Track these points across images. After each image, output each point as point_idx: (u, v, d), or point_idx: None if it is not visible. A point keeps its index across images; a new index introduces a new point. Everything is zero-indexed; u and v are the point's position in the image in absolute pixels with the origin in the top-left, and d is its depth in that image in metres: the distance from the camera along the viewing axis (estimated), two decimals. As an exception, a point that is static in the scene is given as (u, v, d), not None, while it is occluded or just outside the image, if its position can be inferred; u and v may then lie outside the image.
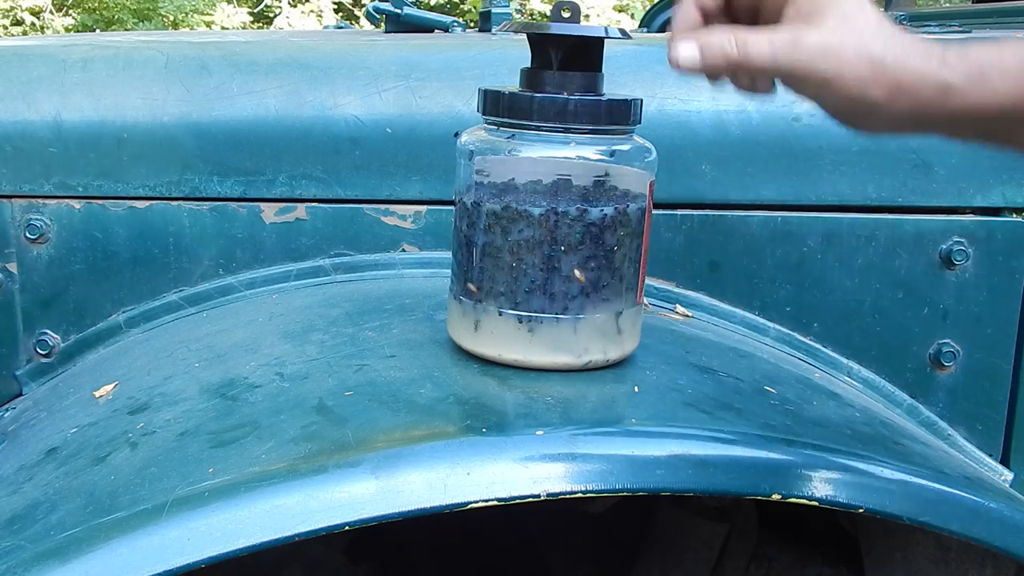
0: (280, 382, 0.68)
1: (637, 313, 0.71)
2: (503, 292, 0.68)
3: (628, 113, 0.68)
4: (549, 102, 0.66)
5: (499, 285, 0.68)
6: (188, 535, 0.51)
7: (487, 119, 0.69)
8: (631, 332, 0.70)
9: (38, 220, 0.92)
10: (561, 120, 0.66)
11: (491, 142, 0.68)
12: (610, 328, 0.68)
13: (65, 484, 0.62)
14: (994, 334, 0.95)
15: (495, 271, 0.68)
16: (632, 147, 0.69)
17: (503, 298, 0.68)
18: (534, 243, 0.66)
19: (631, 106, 0.68)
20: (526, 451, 0.56)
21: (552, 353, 0.67)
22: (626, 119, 0.68)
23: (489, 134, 0.69)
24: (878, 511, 0.60)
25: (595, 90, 0.69)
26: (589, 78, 0.68)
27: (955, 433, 0.97)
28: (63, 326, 0.94)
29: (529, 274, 0.67)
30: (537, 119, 0.66)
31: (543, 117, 0.66)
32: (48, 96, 0.92)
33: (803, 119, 0.93)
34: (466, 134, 0.70)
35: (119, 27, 9.66)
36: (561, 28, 0.66)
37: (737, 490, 0.59)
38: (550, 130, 0.66)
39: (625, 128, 0.68)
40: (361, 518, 0.53)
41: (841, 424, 0.69)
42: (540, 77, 0.68)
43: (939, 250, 0.94)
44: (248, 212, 0.94)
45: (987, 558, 0.76)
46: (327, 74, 0.94)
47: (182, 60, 0.95)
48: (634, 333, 0.71)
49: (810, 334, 0.96)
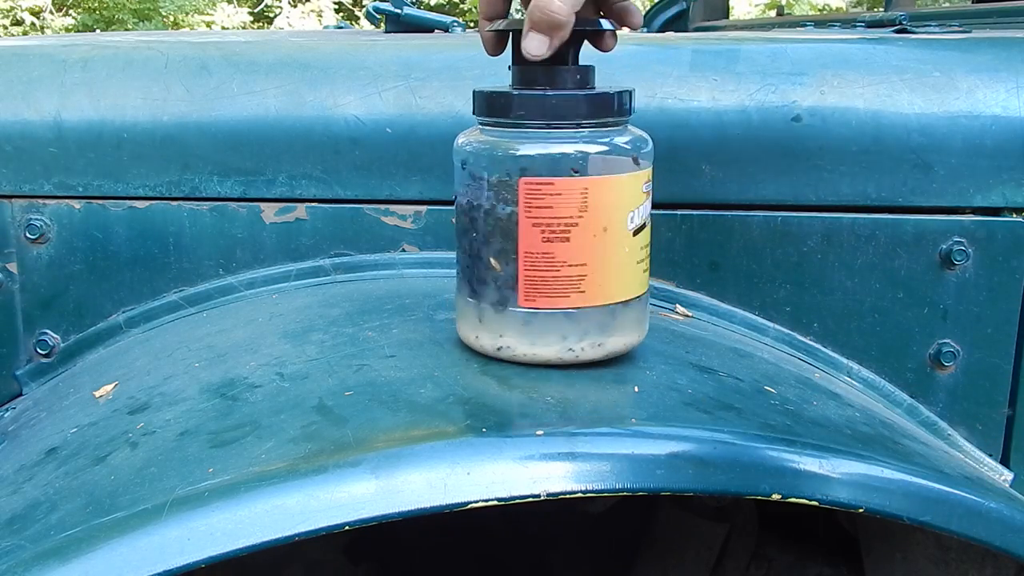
0: (280, 382, 0.68)
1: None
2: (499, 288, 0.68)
3: (621, 104, 0.68)
4: (538, 99, 0.66)
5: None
6: (188, 535, 0.51)
7: (480, 119, 0.69)
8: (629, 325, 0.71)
9: (38, 220, 0.92)
10: (553, 116, 0.66)
11: (487, 142, 0.68)
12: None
13: (65, 484, 0.62)
14: (994, 334, 0.95)
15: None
16: (630, 138, 0.69)
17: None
18: None
19: (623, 97, 0.68)
20: (526, 451, 0.56)
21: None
22: (620, 111, 0.68)
23: (484, 134, 0.69)
24: (878, 511, 0.60)
25: (587, 84, 0.69)
26: (580, 72, 0.68)
27: (955, 433, 0.97)
28: (63, 326, 0.94)
29: None
30: (528, 117, 0.66)
31: (533, 115, 0.66)
32: (48, 96, 0.92)
33: (803, 119, 0.93)
34: (463, 136, 0.70)
35: (119, 27, 9.67)
36: None
37: (737, 490, 0.59)
38: (542, 127, 0.66)
39: (619, 120, 0.68)
40: (361, 518, 0.53)
41: (841, 424, 0.69)
42: (530, 74, 0.68)
43: (939, 250, 0.94)
44: (248, 212, 0.94)
45: (987, 558, 0.76)
46: (327, 74, 0.94)
47: (182, 60, 0.95)
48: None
49: (810, 334, 0.96)
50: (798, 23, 1.81)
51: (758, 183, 0.94)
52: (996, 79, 0.93)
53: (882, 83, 0.93)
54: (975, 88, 0.93)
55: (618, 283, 0.69)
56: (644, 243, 0.71)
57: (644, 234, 0.71)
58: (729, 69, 0.95)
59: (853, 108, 0.93)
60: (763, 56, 0.96)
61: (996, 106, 0.92)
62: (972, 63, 0.95)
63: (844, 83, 0.94)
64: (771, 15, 7.57)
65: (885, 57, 0.96)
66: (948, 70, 0.94)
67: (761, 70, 0.95)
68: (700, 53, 0.97)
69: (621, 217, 0.68)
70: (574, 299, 0.68)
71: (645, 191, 0.70)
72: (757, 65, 0.95)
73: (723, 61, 0.96)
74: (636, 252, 0.70)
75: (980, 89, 0.93)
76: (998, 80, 0.93)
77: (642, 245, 0.71)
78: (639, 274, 0.71)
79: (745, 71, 0.95)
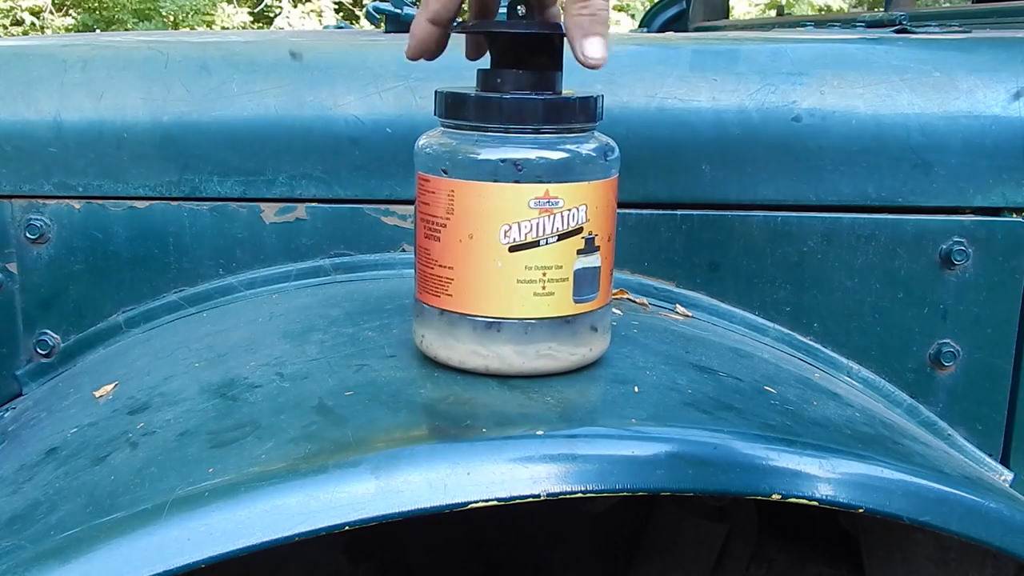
0: (280, 382, 0.68)
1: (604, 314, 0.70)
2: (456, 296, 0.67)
3: (584, 111, 0.66)
4: (497, 102, 0.64)
5: None
6: (188, 535, 0.51)
7: (442, 121, 0.68)
8: (521, 348, 0.67)
9: (38, 220, 0.92)
10: (511, 120, 0.64)
11: (448, 145, 0.66)
12: (486, 333, 0.66)
13: (65, 484, 0.62)
14: (994, 334, 0.95)
15: None
16: (596, 145, 0.67)
17: None
18: None
19: (589, 103, 0.66)
20: (526, 451, 0.56)
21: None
22: (583, 117, 0.66)
23: (445, 136, 0.67)
24: (878, 511, 0.60)
25: (551, 88, 0.67)
26: (545, 76, 0.66)
27: (955, 433, 0.97)
28: (63, 326, 0.94)
29: None
30: (487, 120, 0.64)
31: (491, 118, 0.64)
32: (48, 96, 0.92)
33: (803, 119, 0.93)
34: (424, 137, 0.68)
35: (119, 27, 9.67)
36: (509, 26, 0.65)
37: (737, 490, 0.59)
38: (500, 131, 0.64)
39: (584, 126, 0.67)
40: (361, 518, 0.53)
41: (841, 424, 0.69)
42: (492, 77, 0.66)
43: (939, 250, 0.94)
44: (248, 212, 0.94)
45: (987, 558, 0.76)
46: (327, 74, 0.94)
47: (182, 60, 0.95)
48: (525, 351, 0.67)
49: (810, 334, 0.96)
50: (798, 23, 1.81)
51: (758, 183, 0.94)
52: (996, 79, 0.94)
53: (882, 83, 0.94)
54: (975, 88, 0.93)
55: (490, 298, 0.65)
56: (536, 264, 0.65)
57: (536, 255, 0.65)
58: (729, 69, 0.95)
59: (853, 108, 0.93)
60: (763, 56, 0.96)
61: (996, 106, 0.92)
62: (972, 63, 0.95)
63: (844, 83, 0.94)
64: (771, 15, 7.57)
65: (885, 57, 0.96)
66: (948, 70, 0.94)
67: (761, 70, 0.95)
68: (700, 53, 0.97)
69: (490, 228, 0.64)
70: (444, 300, 0.67)
71: (533, 207, 0.64)
72: (757, 65, 0.95)
73: (723, 61, 0.96)
74: (517, 270, 0.65)
75: (980, 89, 0.93)
76: (998, 80, 0.93)
77: (529, 266, 0.65)
78: (526, 296, 0.65)
79: (745, 71, 0.95)
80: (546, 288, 0.65)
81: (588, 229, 0.66)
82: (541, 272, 0.65)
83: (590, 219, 0.65)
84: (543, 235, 0.65)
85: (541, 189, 0.64)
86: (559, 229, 0.65)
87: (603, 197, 0.67)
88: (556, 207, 0.64)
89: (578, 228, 0.65)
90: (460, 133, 0.66)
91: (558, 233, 0.65)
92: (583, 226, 0.65)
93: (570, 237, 0.65)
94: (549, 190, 0.64)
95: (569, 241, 0.65)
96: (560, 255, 0.65)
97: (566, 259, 0.65)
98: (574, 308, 0.67)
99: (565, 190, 0.64)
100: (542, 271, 0.65)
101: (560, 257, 0.65)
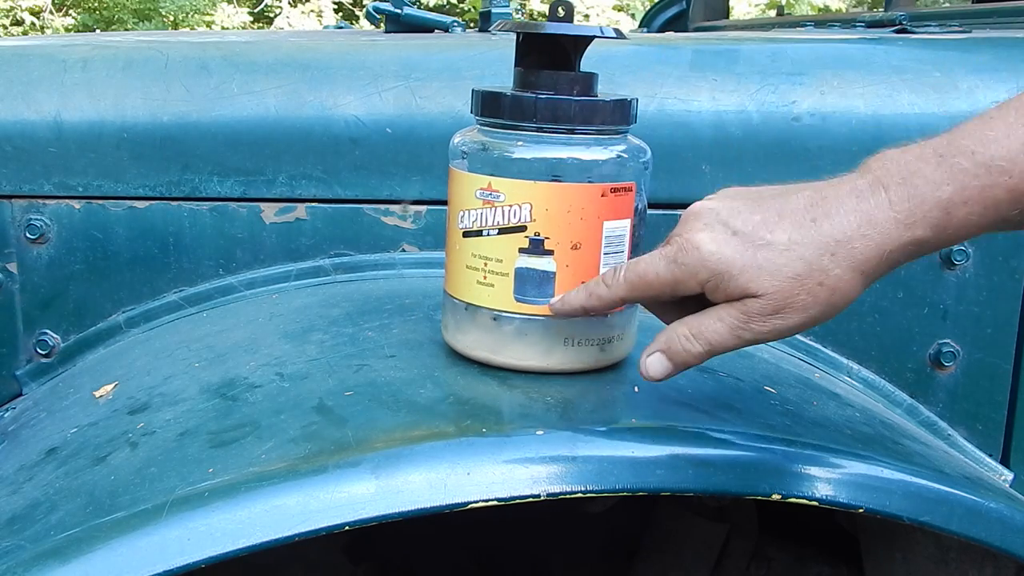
0: (280, 382, 0.68)
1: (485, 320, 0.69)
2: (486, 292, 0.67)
3: (622, 113, 0.67)
4: (540, 102, 0.65)
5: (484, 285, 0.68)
6: (188, 535, 0.51)
7: (479, 119, 0.69)
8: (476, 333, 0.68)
9: (38, 220, 0.92)
10: (553, 120, 0.65)
11: (483, 143, 0.67)
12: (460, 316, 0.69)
13: (65, 484, 0.62)
14: (994, 334, 0.95)
15: None
16: (627, 147, 0.68)
17: None
18: None
19: (626, 106, 0.67)
20: (526, 451, 0.56)
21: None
22: (621, 120, 0.67)
23: (482, 135, 0.68)
24: (878, 511, 0.60)
25: (589, 91, 0.68)
26: (583, 78, 0.68)
27: (955, 433, 0.97)
28: (63, 326, 0.94)
29: None
30: (527, 119, 0.65)
31: (532, 118, 0.65)
32: (48, 96, 0.92)
33: (803, 119, 0.93)
34: (459, 135, 0.70)
35: (119, 27, 9.67)
36: (556, 28, 0.65)
37: (737, 490, 0.59)
38: (540, 131, 0.65)
39: (619, 128, 0.68)
40: (361, 518, 0.53)
41: (841, 424, 0.69)
42: (532, 77, 0.67)
43: (939, 250, 0.94)
44: (248, 212, 0.94)
45: (987, 558, 0.76)
46: (327, 74, 0.94)
47: (182, 60, 0.95)
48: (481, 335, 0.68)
49: (810, 334, 0.96)
50: (798, 23, 1.81)
51: (758, 183, 0.93)
52: (996, 79, 0.94)
53: (882, 83, 0.93)
54: (975, 88, 0.93)
55: (455, 279, 0.69)
56: (480, 253, 0.66)
57: (480, 244, 0.66)
58: (729, 69, 0.95)
59: (853, 108, 0.93)
60: (763, 56, 0.96)
61: (996, 106, 0.92)
62: (972, 63, 0.95)
63: (844, 83, 0.94)
64: (771, 15, 7.57)
65: (885, 57, 0.96)
66: (948, 70, 0.94)
67: (761, 70, 0.95)
68: (700, 53, 0.97)
69: (453, 211, 0.68)
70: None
71: (479, 198, 0.65)
72: (757, 65, 0.95)
73: (723, 61, 0.96)
74: (466, 256, 0.67)
75: (980, 89, 0.93)
76: (998, 80, 0.93)
77: (475, 253, 0.66)
78: (471, 282, 0.67)
79: (745, 71, 0.95)
80: (487, 279, 0.67)
81: (534, 230, 0.65)
82: (483, 262, 0.67)
83: (536, 219, 0.65)
84: (486, 226, 0.66)
85: (485, 181, 0.65)
86: (499, 223, 0.66)
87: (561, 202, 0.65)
88: (498, 200, 0.65)
89: (520, 226, 0.65)
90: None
91: (499, 227, 0.66)
92: (526, 224, 0.65)
93: (512, 233, 0.65)
94: (492, 183, 0.65)
95: (511, 237, 0.65)
96: (500, 249, 0.66)
97: (507, 254, 0.66)
98: (516, 306, 0.66)
99: (507, 185, 0.65)
100: (483, 261, 0.66)
101: (500, 251, 0.66)
